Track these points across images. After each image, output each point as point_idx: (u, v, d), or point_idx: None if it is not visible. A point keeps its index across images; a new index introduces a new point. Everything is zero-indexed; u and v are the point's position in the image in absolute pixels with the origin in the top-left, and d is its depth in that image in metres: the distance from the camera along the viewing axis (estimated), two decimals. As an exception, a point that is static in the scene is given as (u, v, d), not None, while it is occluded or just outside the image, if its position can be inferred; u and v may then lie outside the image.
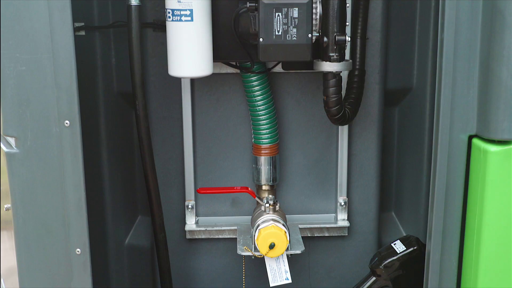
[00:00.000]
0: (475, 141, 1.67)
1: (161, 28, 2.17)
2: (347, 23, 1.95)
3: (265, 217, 2.18)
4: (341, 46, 1.91)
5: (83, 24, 2.08)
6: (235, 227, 2.40)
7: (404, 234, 2.43)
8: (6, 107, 1.66)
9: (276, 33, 1.86)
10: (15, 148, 1.69)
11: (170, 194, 2.41)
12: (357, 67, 2.19)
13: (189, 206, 2.41)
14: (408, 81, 2.37)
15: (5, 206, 1.73)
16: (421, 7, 2.26)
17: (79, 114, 1.66)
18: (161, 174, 2.31)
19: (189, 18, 1.83)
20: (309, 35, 1.87)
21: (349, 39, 1.91)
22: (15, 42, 1.61)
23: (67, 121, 1.66)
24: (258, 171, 2.30)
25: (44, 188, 1.70)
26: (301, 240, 2.27)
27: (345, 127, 2.34)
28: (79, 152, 1.68)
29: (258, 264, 2.35)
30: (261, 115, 2.23)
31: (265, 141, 2.26)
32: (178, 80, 2.27)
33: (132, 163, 2.47)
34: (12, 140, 1.69)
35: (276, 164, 2.30)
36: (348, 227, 2.44)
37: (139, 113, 1.98)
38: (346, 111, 2.07)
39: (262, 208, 2.22)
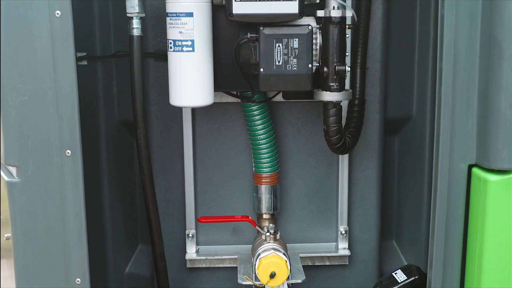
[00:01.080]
0: (475, 170, 1.67)
1: (163, 58, 2.19)
2: (347, 54, 1.96)
3: (265, 246, 2.18)
4: (341, 76, 1.92)
5: (85, 54, 2.10)
6: (236, 256, 2.39)
7: (405, 263, 2.42)
8: (7, 136, 1.67)
9: (277, 63, 1.88)
10: (16, 177, 1.69)
11: (171, 222, 2.41)
12: (357, 96, 2.21)
13: (190, 235, 2.40)
14: (408, 110, 2.38)
15: (6, 235, 1.73)
16: (420, 37, 2.28)
17: (81, 143, 1.67)
18: (161, 203, 2.31)
19: (190, 49, 1.85)
20: (309, 65, 1.89)
21: (349, 69, 1.92)
22: (18, 72, 1.63)
23: (68, 151, 1.67)
24: (258, 200, 2.30)
25: (45, 217, 1.71)
26: (301, 269, 2.26)
27: (346, 156, 2.34)
28: (80, 182, 1.68)
29: (258, 294, 2.34)
30: (262, 144, 2.24)
31: (266, 169, 2.27)
32: (179, 109, 2.29)
33: (133, 192, 2.47)
34: (13, 170, 1.69)
35: (276, 193, 2.30)
36: (349, 256, 2.43)
37: (140, 142, 2.00)
38: (346, 140, 2.08)
39: (263, 237, 2.22)
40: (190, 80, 1.88)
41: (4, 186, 1.69)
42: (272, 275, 2.10)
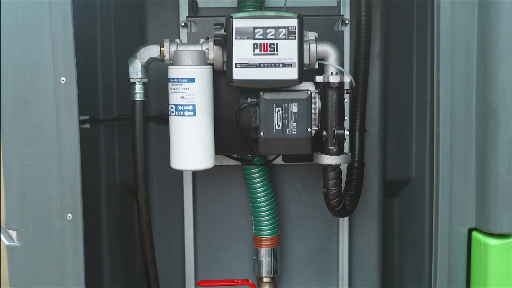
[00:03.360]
0: (475, 234, 1.68)
1: (164, 121, 2.22)
2: (345, 117, 2.00)
3: (266, 310, 2.16)
4: (340, 139, 1.95)
5: (88, 117, 2.13)
6: (236, 320, 2.36)
7: (407, 328, 2.39)
8: (9, 200, 1.68)
9: (277, 127, 1.91)
10: (16, 241, 1.69)
11: (171, 285, 2.38)
12: (356, 159, 2.23)
13: (189, 299, 2.38)
14: (407, 172, 2.39)
15: (4, 300, 1.72)
16: (417, 101, 2.32)
17: (82, 207, 1.68)
18: (161, 265, 2.30)
19: (191, 113, 1.88)
20: (309, 129, 1.91)
21: (348, 133, 1.95)
22: (21, 137, 1.65)
23: (69, 215, 1.67)
24: (259, 263, 2.29)
25: (44, 282, 1.70)
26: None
27: (346, 219, 2.34)
28: (80, 246, 1.68)
29: None
30: (262, 207, 2.25)
31: (266, 232, 2.27)
32: (180, 172, 2.30)
33: (133, 255, 2.45)
34: (13, 233, 1.69)
35: (277, 256, 2.29)
36: (350, 320, 2.40)
37: (141, 205, 2.00)
38: (346, 203, 2.08)
39: (263, 301, 2.20)
40: (191, 144, 1.90)
41: (4, 250, 1.69)
42: None
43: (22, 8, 1.62)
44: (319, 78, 1.95)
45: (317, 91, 1.95)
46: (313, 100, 1.93)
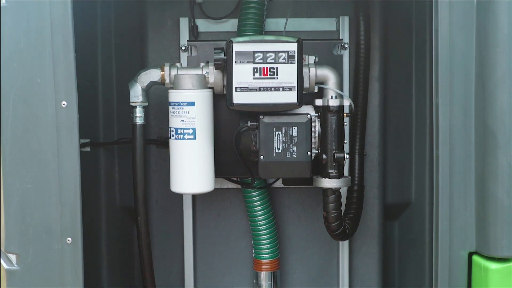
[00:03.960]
0: (475, 258, 1.67)
1: (164, 144, 2.22)
2: (345, 141, 2.00)
3: (266, 334, 2.14)
4: (339, 163, 1.95)
5: (88, 140, 2.13)
6: None
7: None
8: (9, 224, 1.68)
9: (276, 150, 1.91)
10: (15, 265, 1.69)
11: (170, 310, 2.38)
12: (356, 182, 2.23)
13: (189, 323, 2.37)
14: (407, 195, 2.39)
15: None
16: (416, 123, 2.33)
17: (82, 231, 1.68)
18: (161, 289, 2.29)
19: (192, 137, 1.89)
20: (309, 153, 1.92)
21: (347, 156, 1.95)
22: (22, 161, 1.66)
23: (69, 238, 1.67)
24: (259, 287, 2.27)
25: (43, 306, 1.69)
26: None
27: (346, 242, 2.34)
28: (79, 269, 1.68)
29: None
30: (262, 230, 2.24)
31: (266, 256, 2.26)
32: (180, 195, 2.31)
33: (132, 278, 2.44)
34: (13, 257, 1.69)
35: (277, 280, 2.28)
36: None
37: (140, 228, 2.00)
38: (346, 227, 2.08)
39: (263, 325, 2.19)
40: (191, 168, 1.90)
41: (4, 274, 1.69)
42: None
43: (24, 32, 1.64)
44: (318, 102, 1.96)
45: (317, 114, 1.95)
46: (312, 124, 1.94)
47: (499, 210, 1.61)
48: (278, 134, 1.91)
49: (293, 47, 1.85)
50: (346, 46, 2.24)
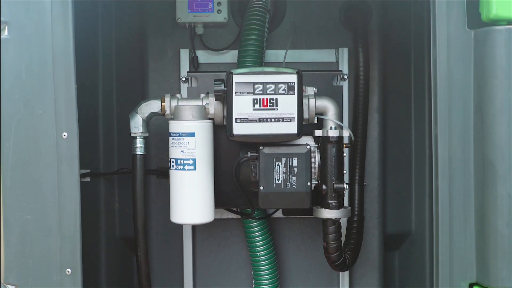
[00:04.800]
0: (476, 289, 1.67)
1: (164, 175, 2.23)
2: (345, 171, 2.01)
3: None
4: (339, 193, 1.95)
5: (88, 171, 2.14)
6: None
7: None
8: (8, 255, 1.68)
9: (276, 181, 1.92)
10: (15, 296, 1.68)
11: None
12: (356, 213, 2.23)
13: None
14: (407, 225, 2.39)
15: None
16: (416, 154, 2.34)
17: (81, 261, 1.67)
18: (160, 321, 2.28)
19: (192, 167, 1.89)
20: (308, 183, 1.92)
21: (347, 187, 1.96)
22: (22, 192, 1.66)
23: (68, 270, 1.67)
24: (259, 318, 2.26)
25: (41, 338, 1.68)
26: None
27: (346, 273, 2.33)
28: (79, 301, 1.67)
29: None
30: (262, 261, 2.24)
31: (266, 286, 2.25)
32: (179, 225, 2.30)
33: (131, 309, 2.44)
34: (12, 288, 1.69)
35: (277, 311, 2.27)
36: None
37: (140, 259, 2.00)
38: (346, 257, 2.08)
39: None
40: (191, 198, 1.90)
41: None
42: None
43: (26, 63, 1.65)
44: (318, 133, 1.97)
45: (317, 145, 1.96)
46: (312, 154, 1.94)
47: (499, 241, 1.61)
48: (278, 164, 1.91)
49: (292, 78, 1.87)
50: (346, 77, 2.26)
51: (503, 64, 1.60)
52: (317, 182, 1.96)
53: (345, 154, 2.01)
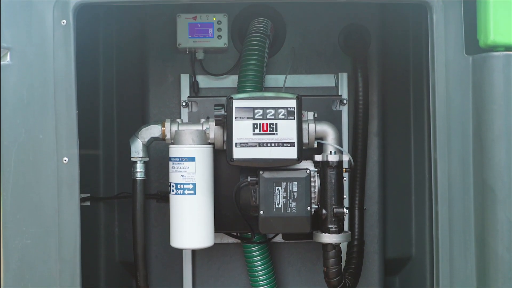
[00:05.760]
0: (477, 314, 1.66)
1: (164, 199, 2.23)
2: (344, 196, 2.01)
3: None
4: (339, 218, 1.95)
5: (88, 195, 2.14)
6: None
7: None
8: (8, 280, 1.67)
9: (276, 206, 1.92)
10: (13, 321, 1.67)
11: None
12: (356, 237, 2.23)
13: None
14: (407, 250, 2.39)
15: None
16: (415, 178, 2.34)
17: (81, 286, 1.67)
18: None
19: (192, 192, 1.89)
20: (308, 208, 1.92)
21: (347, 211, 1.96)
22: (22, 216, 1.66)
23: (68, 294, 1.66)
24: None
25: None
26: None
27: (346, 297, 2.32)
28: (78, 326, 1.66)
29: None
30: (262, 285, 2.23)
31: (267, 311, 2.24)
32: (179, 250, 2.29)
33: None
34: (11, 313, 1.68)
35: (277, 336, 2.25)
36: None
37: (140, 284, 1.99)
38: (346, 282, 2.07)
39: None
40: (191, 223, 1.90)
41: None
42: None
43: (27, 88, 1.67)
44: (318, 157, 1.97)
45: (316, 169, 1.97)
46: (312, 179, 1.95)
47: (500, 265, 1.61)
48: (278, 189, 1.92)
49: (292, 103, 1.88)
50: (345, 102, 2.27)
51: (501, 89, 1.62)
52: (317, 206, 1.96)
53: (345, 178, 2.01)
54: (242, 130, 1.88)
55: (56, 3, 1.65)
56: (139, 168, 1.98)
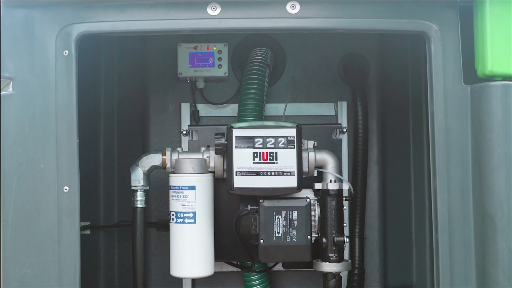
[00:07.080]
0: None
1: (164, 227, 2.23)
2: (345, 224, 2.01)
3: None
4: (339, 246, 1.95)
5: (89, 223, 2.14)
6: None
7: None
8: (7, 310, 1.67)
9: (276, 234, 1.92)
10: None
11: None
12: (356, 266, 2.22)
13: None
14: (408, 278, 2.37)
15: None
16: (415, 206, 2.34)
17: (80, 317, 1.66)
18: None
19: (192, 220, 1.89)
20: (308, 237, 1.92)
21: (347, 240, 1.95)
22: (22, 246, 1.66)
23: (67, 327, 1.65)
24: None
25: None
26: None
27: (347, 327, 2.30)
28: None
29: None
30: (262, 314, 2.22)
31: None
32: (179, 279, 2.28)
33: None
34: None
35: None
36: None
37: (139, 313, 1.98)
38: (347, 311, 2.06)
39: None
40: (191, 252, 1.90)
41: None
42: None
43: (29, 118, 1.67)
44: (318, 186, 1.98)
45: (316, 198, 1.97)
46: (312, 208, 1.95)
47: (501, 295, 1.60)
48: (278, 218, 1.92)
49: (292, 132, 1.89)
50: (345, 130, 2.29)
51: (500, 118, 1.63)
52: (317, 235, 1.96)
53: (345, 207, 2.01)
54: (242, 158, 1.88)
55: (59, 33, 1.67)
56: (140, 196, 1.98)
